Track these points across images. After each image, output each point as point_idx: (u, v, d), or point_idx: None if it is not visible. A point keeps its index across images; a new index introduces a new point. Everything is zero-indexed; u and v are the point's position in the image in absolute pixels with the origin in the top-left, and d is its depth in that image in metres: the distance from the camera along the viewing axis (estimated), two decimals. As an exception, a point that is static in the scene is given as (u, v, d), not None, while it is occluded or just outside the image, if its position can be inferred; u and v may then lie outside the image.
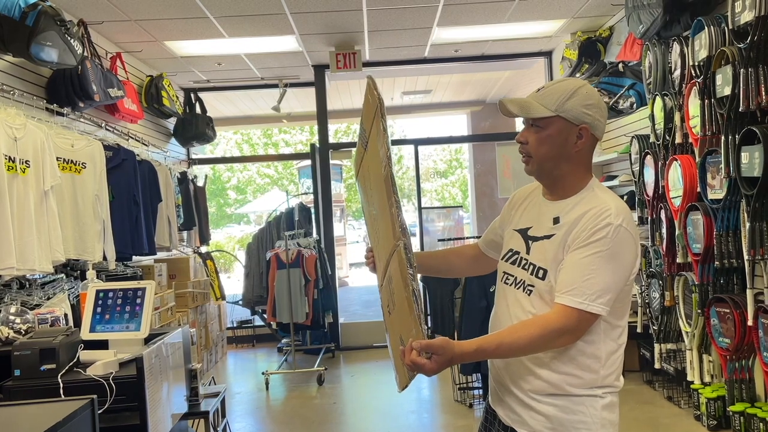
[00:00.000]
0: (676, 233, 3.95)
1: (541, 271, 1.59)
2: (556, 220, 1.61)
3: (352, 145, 9.30)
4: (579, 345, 1.55)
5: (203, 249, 6.73)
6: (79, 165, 3.90)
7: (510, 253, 1.71)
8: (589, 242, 1.52)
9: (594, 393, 1.57)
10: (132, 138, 5.17)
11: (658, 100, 4.14)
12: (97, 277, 3.65)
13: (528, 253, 1.65)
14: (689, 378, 4.02)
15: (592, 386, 1.57)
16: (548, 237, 1.61)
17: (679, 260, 3.98)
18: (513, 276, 1.67)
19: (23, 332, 2.76)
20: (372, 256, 1.89)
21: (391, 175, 1.53)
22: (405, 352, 1.41)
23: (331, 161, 7.03)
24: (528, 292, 1.61)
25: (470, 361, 1.52)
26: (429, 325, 5.07)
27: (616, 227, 1.52)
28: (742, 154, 3.16)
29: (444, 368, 1.43)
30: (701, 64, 3.60)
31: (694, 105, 3.70)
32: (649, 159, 4.34)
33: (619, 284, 1.53)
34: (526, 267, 1.63)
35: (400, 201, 1.53)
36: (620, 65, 4.84)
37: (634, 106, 4.67)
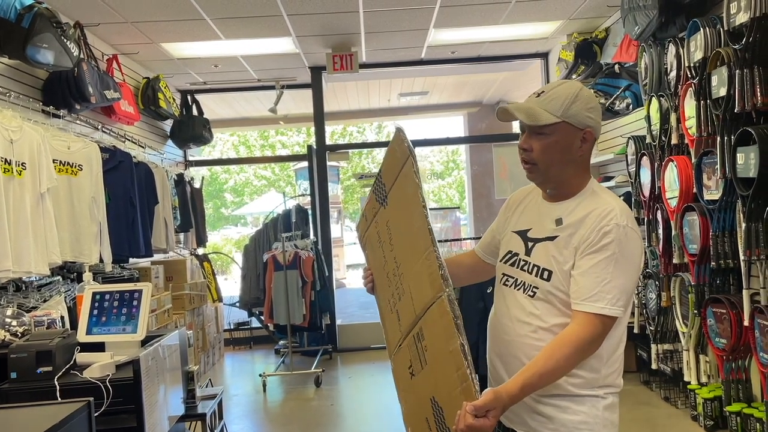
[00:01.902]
0: (673, 234, 3.96)
1: (545, 273, 1.58)
2: (558, 222, 1.61)
3: (350, 146, 9.32)
4: None
5: (200, 251, 6.72)
6: (75, 167, 3.89)
7: (509, 255, 1.70)
8: (601, 246, 1.52)
9: (596, 393, 1.57)
10: (128, 140, 5.16)
11: (654, 101, 4.15)
12: (94, 279, 3.64)
13: (528, 254, 1.64)
14: (686, 378, 4.02)
15: (594, 386, 1.57)
16: (551, 238, 1.60)
17: (675, 261, 3.98)
18: (513, 278, 1.67)
19: (19, 335, 2.75)
20: (371, 275, 1.86)
21: (430, 226, 1.49)
22: (459, 418, 1.35)
23: (328, 163, 7.03)
24: (531, 294, 1.60)
25: (520, 401, 1.47)
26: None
27: (624, 227, 1.53)
28: (738, 154, 3.16)
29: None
30: (697, 65, 3.61)
31: (689, 106, 3.71)
32: (645, 160, 4.34)
33: (633, 284, 1.55)
34: (527, 268, 1.63)
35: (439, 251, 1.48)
36: (616, 66, 4.84)
37: (630, 107, 4.68)
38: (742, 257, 3.25)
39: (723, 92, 3.28)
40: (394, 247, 1.68)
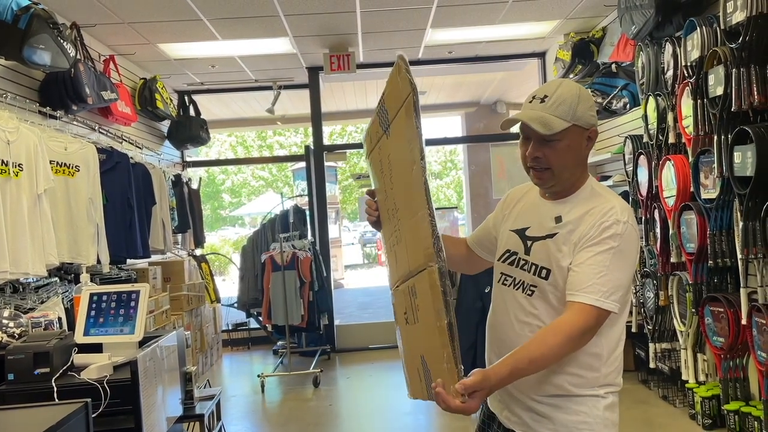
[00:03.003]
0: (670, 233, 3.97)
1: (544, 271, 1.58)
2: (558, 219, 1.61)
3: (347, 147, 9.31)
4: None
5: (198, 252, 6.71)
6: (72, 168, 3.88)
7: (507, 254, 1.70)
8: (600, 240, 1.52)
9: (596, 393, 1.57)
10: (125, 141, 5.15)
11: (651, 100, 4.15)
12: (91, 281, 3.64)
13: (527, 253, 1.63)
14: (684, 377, 4.03)
15: (594, 385, 1.56)
16: (551, 236, 1.60)
17: (673, 260, 3.99)
18: (512, 277, 1.66)
19: (17, 336, 2.74)
20: (376, 207, 1.72)
21: (427, 184, 1.40)
22: (443, 398, 1.35)
23: (326, 163, 7.02)
24: (530, 293, 1.60)
25: (507, 384, 1.47)
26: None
27: (624, 224, 1.53)
28: (735, 153, 3.17)
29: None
30: (694, 64, 3.62)
31: (686, 105, 3.71)
32: (642, 159, 4.35)
33: (628, 280, 1.54)
34: (527, 268, 1.62)
35: (434, 215, 1.39)
36: (613, 66, 4.85)
37: (628, 106, 4.69)
38: (739, 256, 3.25)
39: (720, 91, 3.29)
40: (394, 186, 1.60)
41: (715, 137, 3.36)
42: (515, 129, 1.64)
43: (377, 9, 4.86)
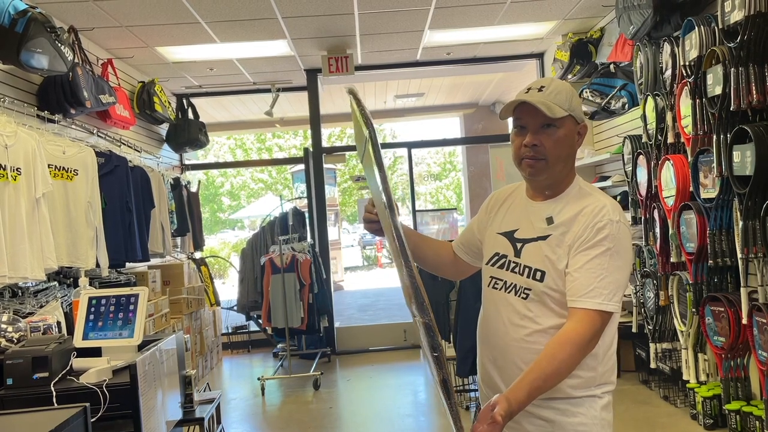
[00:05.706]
0: (670, 233, 3.96)
1: (538, 273, 1.57)
2: (549, 220, 1.59)
3: (346, 149, 9.28)
4: None
5: (197, 255, 6.70)
6: (71, 172, 3.88)
7: (496, 257, 1.67)
8: (596, 242, 1.52)
9: (593, 393, 1.56)
10: (124, 144, 5.15)
11: (650, 100, 4.15)
12: (90, 284, 3.63)
13: (518, 255, 1.62)
14: (685, 377, 4.02)
15: (591, 385, 1.56)
16: (543, 238, 1.58)
17: (672, 260, 3.99)
18: (502, 280, 1.64)
19: (15, 341, 2.74)
20: (376, 214, 1.68)
21: (399, 232, 1.36)
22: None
23: (325, 165, 7.02)
24: (524, 296, 1.58)
25: (526, 406, 1.44)
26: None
27: (617, 223, 1.53)
28: (734, 152, 3.17)
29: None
30: (692, 63, 3.62)
31: (685, 105, 3.71)
32: (641, 159, 4.35)
33: (626, 279, 1.55)
34: (518, 270, 1.61)
35: (409, 257, 1.34)
36: (611, 66, 4.85)
37: (626, 106, 4.69)
38: (739, 255, 3.25)
39: (718, 90, 3.29)
40: (378, 213, 1.58)
41: (714, 137, 3.36)
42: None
43: (375, 11, 4.86)
